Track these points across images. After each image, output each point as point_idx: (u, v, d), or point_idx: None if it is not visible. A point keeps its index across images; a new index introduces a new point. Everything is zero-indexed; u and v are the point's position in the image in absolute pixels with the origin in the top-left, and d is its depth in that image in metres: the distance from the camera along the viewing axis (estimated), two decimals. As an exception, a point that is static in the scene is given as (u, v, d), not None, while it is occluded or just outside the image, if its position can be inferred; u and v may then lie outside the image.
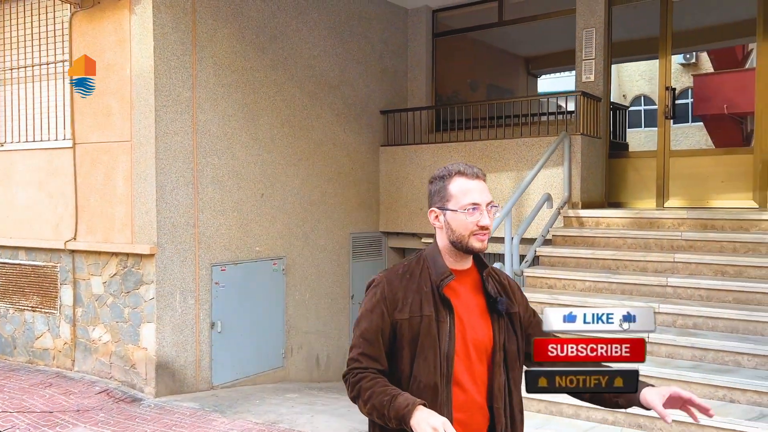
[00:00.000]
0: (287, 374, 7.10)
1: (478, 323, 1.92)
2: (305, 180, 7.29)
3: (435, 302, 1.88)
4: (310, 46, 7.32)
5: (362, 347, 1.91)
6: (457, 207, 1.91)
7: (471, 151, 7.56)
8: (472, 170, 1.96)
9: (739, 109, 15.00)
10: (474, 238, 1.89)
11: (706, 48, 8.38)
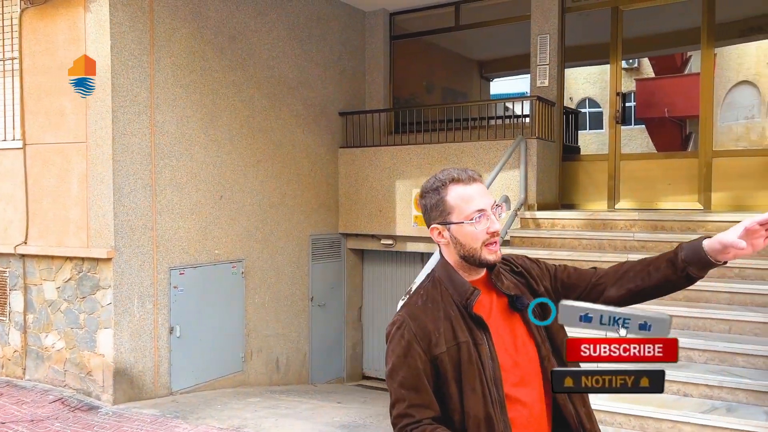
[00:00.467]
0: (247, 378, 7.04)
1: (513, 329, 1.74)
2: (264, 182, 7.24)
3: (468, 325, 1.69)
4: (269, 47, 7.27)
5: (408, 398, 1.67)
6: (461, 218, 1.70)
7: (430, 154, 7.65)
8: (467, 174, 1.76)
9: (679, 113, 15.62)
10: (486, 249, 1.69)
11: (654, 54, 8.73)
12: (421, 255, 8.45)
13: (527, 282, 1.81)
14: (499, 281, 1.77)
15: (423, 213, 1.81)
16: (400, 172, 7.87)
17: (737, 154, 7.19)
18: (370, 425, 5.31)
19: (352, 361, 8.84)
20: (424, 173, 7.66)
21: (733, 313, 4.76)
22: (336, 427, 5.17)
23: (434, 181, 1.78)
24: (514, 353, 1.71)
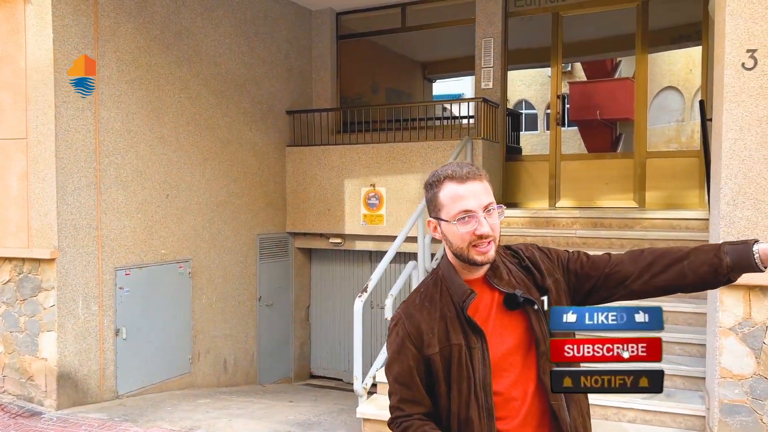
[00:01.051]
0: (194, 380, 6.93)
1: (511, 328, 1.70)
2: (211, 180, 7.14)
3: (463, 328, 1.68)
4: (216, 43, 7.18)
5: (400, 393, 1.72)
6: (448, 217, 1.67)
7: (378, 153, 7.72)
8: (463, 171, 1.68)
9: (610, 116, 16.26)
10: (474, 250, 1.65)
11: (592, 58, 9.07)
12: (370, 254, 8.53)
13: (533, 277, 1.76)
14: (497, 277, 1.72)
15: (427, 205, 1.80)
16: (349, 171, 7.91)
17: (669, 155, 7.61)
18: (324, 422, 5.34)
19: (300, 360, 8.82)
20: (373, 172, 7.75)
21: (669, 304, 5.04)
22: (290, 426, 5.17)
23: (432, 176, 1.76)
24: (512, 352, 1.69)
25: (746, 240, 1.67)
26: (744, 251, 1.63)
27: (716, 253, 1.66)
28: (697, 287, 1.72)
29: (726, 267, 1.65)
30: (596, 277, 1.76)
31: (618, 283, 1.75)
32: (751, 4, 3.77)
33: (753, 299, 3.83)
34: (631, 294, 1.76)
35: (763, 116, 3.76)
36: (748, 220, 3.81)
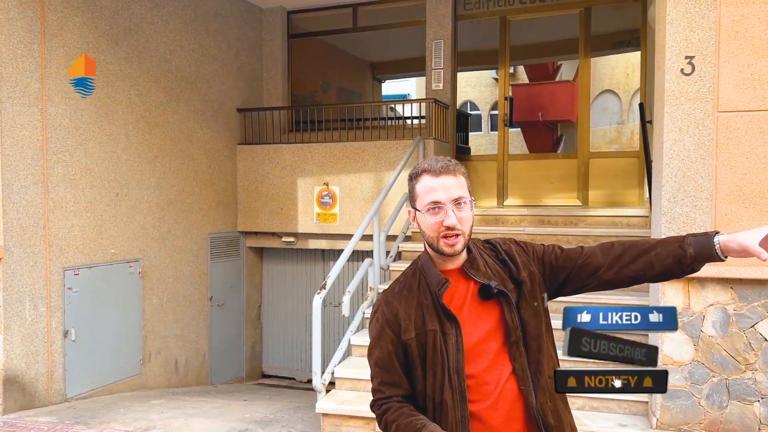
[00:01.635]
0: (145, 381, 6.82)
1: (485, 317, 1.78)
2: (162, 178, 7.04)
3: (438, 315, 1.76)
4: (166, 40, 7.08)
5: (380, 376, 1.82)
6: (421, 207, 1.77)
7: (331, 152, 7.77)
8: (438, 165, 1.77)
9: (551, 117, 16.75)
10: (442, 241, 1.74)
11: (538, 61, 9.34)
12: (323, 252, 8.57)
13: (509, 269, 1.83)
14: (474, 269, 1.80)
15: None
16: (302, 170, 7.93)
17: (610, 155, 7.95)
18: (282, 419, 5.37)
19: (252, 360, 8.78)
20: (326, 171, 7.79)
21: (613, 298, 5.29)
22: (248, 423, 5.17)
23: (413, 169, 1.85)
24: (485, 339, 1.76)
25: (707, 232, 1.78)
26: (705, 242, 1.73)
27: (680, 244, 1.76)
28: (663, 277, 1.82)
29: (689, 257, 1.74)
30: (570, 268, 1.85)
31: (590, 273, 1.84)
32: (689, 14, 4.02)
33: (692, 291, 4.08)
34: (603, 284, 1.85)
35: (700, 119, 4.01)
36: (686, 216, 4.06)
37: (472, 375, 1.75)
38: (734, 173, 3.99)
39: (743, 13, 3.95)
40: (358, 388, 4.92)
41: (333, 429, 4.66)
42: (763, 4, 3.91)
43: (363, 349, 5.28)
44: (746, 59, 3.95)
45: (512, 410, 1.75)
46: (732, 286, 4.02)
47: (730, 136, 3.99)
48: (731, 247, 1.70)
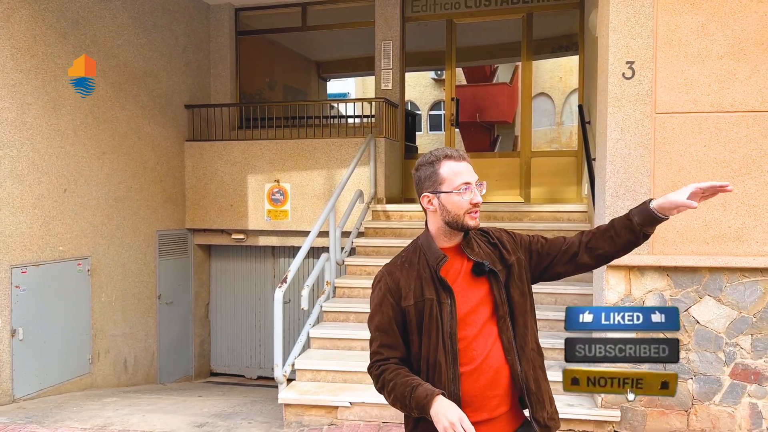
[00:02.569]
0: (94, 380, 6.70)
1: (476, 290, 1.99)
2: (110, 175, 6.94)
3: (435, 286, 1.96)
4: (114, 34, 6.98)
5: (380, 339, 2.00)
6: (450, 188, 1.96)
7: (282, 149, 7.84)
8: (458, 153, 2.02)
9: (488, 118, 17.25)
10: (468, 216, 1.96)
11: (483, 63, 9.68)
12: (272, 249, 8.62)
13: (500, 253, 2.05)
14: (469, 248, 2.03)
15: (416, 184, 2.07)
16: (252, 167, 7.95)
17: (550, 154, 8.34)
18: (241, 412, 5.42)
19: (201, 358, 8.73)
20: (277, 168, 7.85)
21: (560, 287, 5.62)
22: (208, 417, 5.21)
23: (429, 156, 2.04)
24: (474, 310, 1.98)
25: (644, 201, 2.08)
26: (644, 209, 2.04)
27: (628, 217, 2.06)
28: (626, 248, 2.08)
29: (637, 225, 2.03)
30: (554, 254, 2.11)
31: (570, 259, 2.10)
32: (630, 23, 4.34)
33: (632, 279, 4.42)
34: (579, 267, 2.11)
35: (640, 119, 4.35)
36: (628, 210, 4.37)
37: (462, 340, 1.96)
38: (670, 170, 4.34)
39: (677, 23, 4.30)
40: (317, 378, 5.04)
41: (295, 418, 4.76)
42: (694, 15, 4.28)
43: (322, 341, 5.41)
44: (680, 65, 4.31)
45: (497, 375, 1.96)
46: (668, 274, 4.37)
47: (666, 135, 4.34)
48: (666, 206, 1.99)
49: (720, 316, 4.32)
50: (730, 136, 4.27)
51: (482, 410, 1.95)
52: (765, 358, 4.29)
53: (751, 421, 4.32)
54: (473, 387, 1.94)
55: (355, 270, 6.38)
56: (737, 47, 4.24)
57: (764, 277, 4.26)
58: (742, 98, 4.25)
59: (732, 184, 4.18)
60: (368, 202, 7.27)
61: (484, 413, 1.95)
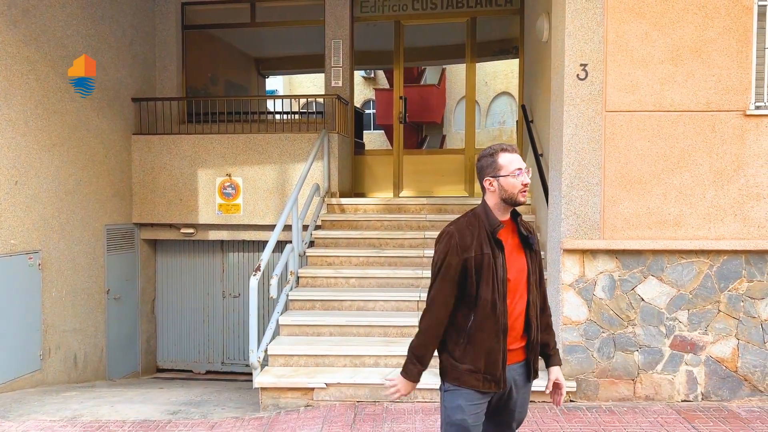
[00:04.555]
0: (45, 377, 6.55)
1: (518, 256, 2.59)
2: (60, 167, 6.79)
3: (491, 244, 2.52)
4: (63, 24, 6.84)
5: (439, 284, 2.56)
6: (507, 173, 2.52)
7: (234, 144, 7.89)
8: (511, 147, 2.60)
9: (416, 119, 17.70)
10: (520, 194, 2.53)
11: (430, 64, 9.99)
12: (221, 243, 8.64)
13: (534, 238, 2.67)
14: (522, 225, 2.64)
15: (478, 171, 2.62)
16: (203, 161, 7.96)
17: (492, 151, 8.77)
18: (211, 400, 5.51)
19: (147, 354, 8.63)
20: (228, 162, 7.90)
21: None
22: (179, 405, 5.26)
23: (490, 150, 2.60)
24: (516, 272, 2.57)
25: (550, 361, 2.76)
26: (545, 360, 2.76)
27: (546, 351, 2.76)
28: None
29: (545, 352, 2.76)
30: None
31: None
32: (583, 29, 4.78)
33: (586, 261, 4.86)
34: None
35: (592, 117, 4.79)
36: (581, 198, 4.82)
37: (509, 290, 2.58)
38: (618, 163, 4.82)
39: (624, 30, 4.78)
40: (290, 363, 5.20)
41: (272, 401, 4.91)
42: (639, 23, 4.77)
43: (291, 328, 5.57)
44: (627, 68, 4.79)
45: (518, 320, 2.59)
46: (617, 256, 4.84)
47: (615, 131, 4.81)
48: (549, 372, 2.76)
49: (662, 294, 4.83)
50: (669, 133, 4.79)
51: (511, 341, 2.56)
52: (699, 330, 4.83)
53: (688, 387, 4.86)
54: (512, 323, 2.56)
55: (316, 260, 6.56)
56: (676, 53, 4.76)
57: (699, 258, 4.81)
58: (679, 99, 4.77)
59: (670, 175, 4.73)
60: (323, 196, 7.46)
61: (511, 344, 2.57)
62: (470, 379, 2.53)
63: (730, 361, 4.84)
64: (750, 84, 4.76)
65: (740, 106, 4.76)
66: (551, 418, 4.53)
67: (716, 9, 4.73)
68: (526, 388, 2.70)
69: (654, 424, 4.40)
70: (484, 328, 2.50)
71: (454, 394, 2.57)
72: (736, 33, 4.73)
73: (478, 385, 2.53)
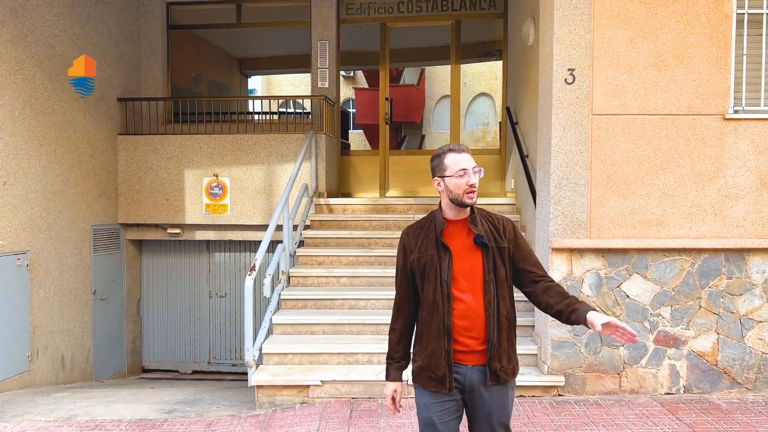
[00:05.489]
0: (33, 378, 6.53)
1: (470, 256, 2.53)
2: (47, 167, 6.77)
3: (437, 246, 2.55)
4: (50, 24, 6.81)
5: (397, 285, 2.70)
6: (452, 173, 2.50)
7: (221, 144, 7.92)
8: (459, 147, 2.55)
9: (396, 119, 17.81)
10: (466, 195, 2.50)
11: (416, 65, 10.09)
12: (208, 243, 8.66)
13: (498, 235, 2.58)
14: (474, 224, 2.58)
15: (431, 170, 2.61)
16: (190, 161, 7.97)
17: (477, 152, 8.93)
18: (205, 399, 5.55)
19: (133, 355, 8.61)
20: (216, 162, 7.93)
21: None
22: (174, 404, 5.30)
23: (438, 150, 2.61)
24: (467, 272, 2.54)
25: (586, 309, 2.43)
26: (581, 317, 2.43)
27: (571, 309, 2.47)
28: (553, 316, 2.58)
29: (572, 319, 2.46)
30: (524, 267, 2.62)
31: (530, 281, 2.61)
32: (571, 34, 4.94)
33: (573, 260, 5.02)
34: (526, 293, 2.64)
35: (579, 120, 4.95)
36: (569, 199, 4.98)
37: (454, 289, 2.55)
38: (604, 164, 4.98)
39: (610, 36, 4.95)
40: (285, 361, 5.28)
41: (267, 399, 4.98)
42: (624, 30, 4.94)
43: (284, 327, 5.64)
44: (612, 73, 4.96)
45: (474, 323, 2.53)
46: (603, 255, 5.01)
47: (601, 134, 4.97)
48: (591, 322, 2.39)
49: (646, 291, 5.01)
50: (653, 136, 4.96)
51: (461, 343, 2.54)
52: (681, 325, 5.02)
53: (671, 380, 5.05)
54: (458, 324, 2.54)
55: (307, 260, 6.64)
56: (659, 59, 4.94)
57: (681, 256, 5.00)
58: (663, 103, 4.95)
59: (654, 176, 4.90)
60: (312, 196, 7.53)
61: (462, 345, 2.55)
62: (420, 377, 2.61)
63: (711, 355, 5.04)
64: (729, 89, 4.96)
65: (720, 110, 4.95)
66: (541, 412, 4.68)
67: (697, 17, 4.92)
68: (501, 391, 2.58)
69: (640, 416, 4.57)
70: (430, 328, 2.55)
71: (418, 391, 2.65)
72: (716, 40, 4.93)
73: (425, 383, 2.58)
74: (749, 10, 5.00)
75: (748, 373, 5.03)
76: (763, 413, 4.62)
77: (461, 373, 2.55)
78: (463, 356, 2.54)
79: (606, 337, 5.04)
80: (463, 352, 2.53)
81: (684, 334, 5.03)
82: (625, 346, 5.04)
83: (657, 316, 5.03)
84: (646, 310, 5.02)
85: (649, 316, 5.03)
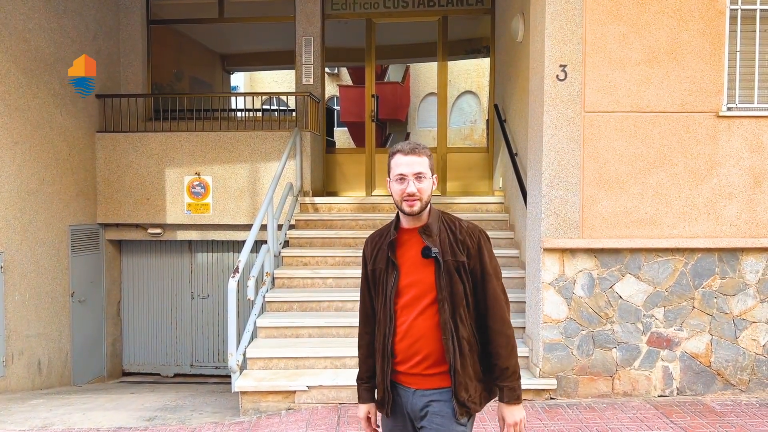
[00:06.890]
0: (8, 384, 6.30)
1: (421, 270, 2.22)
2: (22, 166, 6.54)
3: (387, 257, 2.29)
4: (25, 18, 6.58)
5: (361, 296, 2.47)
6: (392, 178, 2.24)
7: (203, 142, 7.72)
8: (408, 148, 2.20)
9: (384, 117, 17.69)
10: (404, 203, 2.20)
11: (402, 62, 9.95)
12: (189, 243, 8.46)
13: (456, 246, 2.25)
14: (426, 233, 2.25)
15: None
16: (171, 159, 7.77)
17: (464, 150, 8.82)
18: (187, 405, 5.38)
19: (113, 358, 8.39)
20: (197, 161, 7.74)
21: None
22: (154, 411, 5.12)
23: (391, 149, 2.28)
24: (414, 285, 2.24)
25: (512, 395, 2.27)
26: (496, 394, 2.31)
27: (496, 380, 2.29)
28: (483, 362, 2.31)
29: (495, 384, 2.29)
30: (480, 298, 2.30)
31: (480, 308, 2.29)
32: (562, 30, 4.83)
33: (566, 260, 4.91)
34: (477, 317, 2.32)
35: (572, 117, 4.84)
36: (561, 198, 4.87)
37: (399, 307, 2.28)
38: (596, 162, 4.88)
39: (603, 32, 4.84)
40: (270, 366, 5.12)
41: (252, 405, 4.82)
42: (617, 25, 4.83)
43: (269, 330, 5.48)
44: (605, 70, 4.86)
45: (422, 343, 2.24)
46: (596, 255, 4.91)
47: (593, 132, 4.87)
48: (500, 416, 2.30)
49: (639, 292, 4.92)
50: (646, 133, 4.87)
51: (404, 364, 2.27)
52: (675, 326, 4.94)
53: (664, 382, 4.96)
54: (400, 345, 2.27)
55: (292, 261, 6.48)
56: (652, 55, 4.84)
57: (674, 256, 4.91)
58: (656, 100, 4.86)
59: (647, 175, 4.81)
60: (296, 195, 7.37)
61: (405, 367, 2.27)
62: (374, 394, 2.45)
63: (704, 356, 4.96)
64: (722, 86, 4.88)
65: (713, 108, 4.87)
66: (534, 416, 4.56)
67: (690, 12, 4.83)
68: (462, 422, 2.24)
69: (634, 420, 4.48)
70: (378, 346, 2.34)
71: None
72: (710, 36, 4.85)
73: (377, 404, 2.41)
74: (743, 6, 4.92)
75: (741, 375, 4.96)
76: (758, 415, 4.55)
77: (403, 396, 2.30)
78: (407, 378, 2.28)
79: (599, 338, 4.94)
80: (409, 374, 2.27)
81: (677, 335, 4.95)
82: (618, 348, 4.94)
83: (650, 317, 4.94)
84: (639, 311, 4.93)
85: (642, 317, 4.94)
